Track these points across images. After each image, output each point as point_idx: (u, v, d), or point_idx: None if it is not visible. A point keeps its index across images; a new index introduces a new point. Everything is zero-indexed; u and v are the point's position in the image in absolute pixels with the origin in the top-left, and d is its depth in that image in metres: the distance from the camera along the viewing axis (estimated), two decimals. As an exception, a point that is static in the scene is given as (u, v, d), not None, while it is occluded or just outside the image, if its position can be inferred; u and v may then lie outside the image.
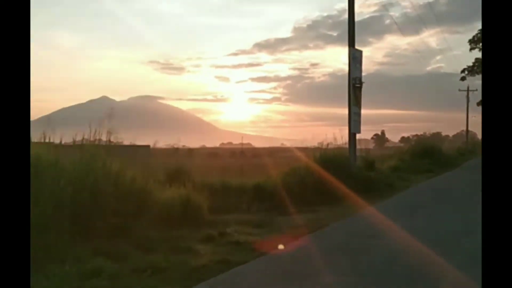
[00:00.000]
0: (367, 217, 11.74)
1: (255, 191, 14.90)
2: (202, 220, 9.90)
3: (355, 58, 17.99)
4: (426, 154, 32.32)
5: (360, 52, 18.44)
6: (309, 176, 15.82)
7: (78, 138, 9.23)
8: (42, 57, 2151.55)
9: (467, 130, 75.57)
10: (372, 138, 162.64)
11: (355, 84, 18.07)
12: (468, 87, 66.01)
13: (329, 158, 16.76)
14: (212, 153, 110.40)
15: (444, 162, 32.57)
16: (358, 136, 20.62)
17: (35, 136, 8.57)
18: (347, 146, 20.23)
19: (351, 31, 18.19)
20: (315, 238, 8.96)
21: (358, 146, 23.75)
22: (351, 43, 18.21)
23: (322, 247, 8.19)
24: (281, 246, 9.06)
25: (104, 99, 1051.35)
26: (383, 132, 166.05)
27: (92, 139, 8.90)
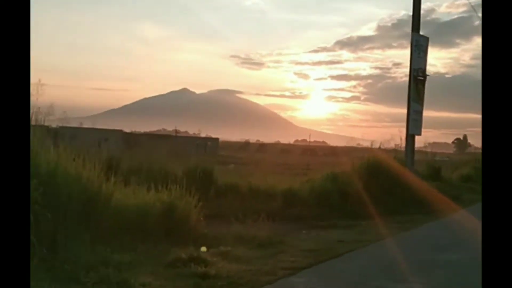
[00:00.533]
0: (406, 244, 9.15)
1: (285, 197, 12.65)
2: (187, 234, 7.71)
3: (419, 46, 15.03)
4: (508, 162, 28.62)
5: (426, 39, 15.45)
6: (353, 183, 13.38)
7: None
8: (127, 48, 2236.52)
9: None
10: (452, 142, 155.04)
11: (417, 77, 15.19)
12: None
13: (379, 164, 14.15)
14: (283, 149, 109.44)
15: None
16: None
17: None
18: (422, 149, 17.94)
19: (416, 13, 15.19)
20: (321, 272, 6.56)
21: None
22: (415, 28, 15.22)
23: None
24: (203, 249, 6.84)
25: (184, 91, 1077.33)
26: (465, 137, 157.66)
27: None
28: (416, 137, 16.09)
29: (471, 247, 7.47)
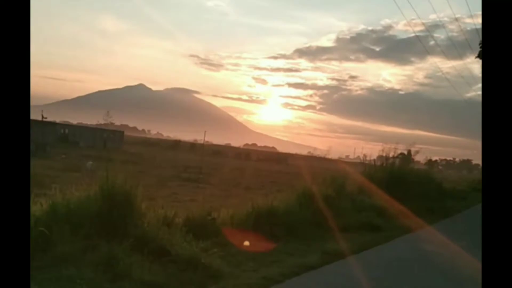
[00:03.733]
0: None
1: None
2: None
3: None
4: (393, 185, 18.83)
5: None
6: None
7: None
8: (85, 39, 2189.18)
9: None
10: (397, 157, 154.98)
11: None
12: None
13: None
14: (215, 151, 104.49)
15: (430, 204, 19.80)
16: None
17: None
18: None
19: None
20: None
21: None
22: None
23: None
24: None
25: (141, 86, 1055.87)
26: (409, 152, 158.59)
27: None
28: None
29: None
